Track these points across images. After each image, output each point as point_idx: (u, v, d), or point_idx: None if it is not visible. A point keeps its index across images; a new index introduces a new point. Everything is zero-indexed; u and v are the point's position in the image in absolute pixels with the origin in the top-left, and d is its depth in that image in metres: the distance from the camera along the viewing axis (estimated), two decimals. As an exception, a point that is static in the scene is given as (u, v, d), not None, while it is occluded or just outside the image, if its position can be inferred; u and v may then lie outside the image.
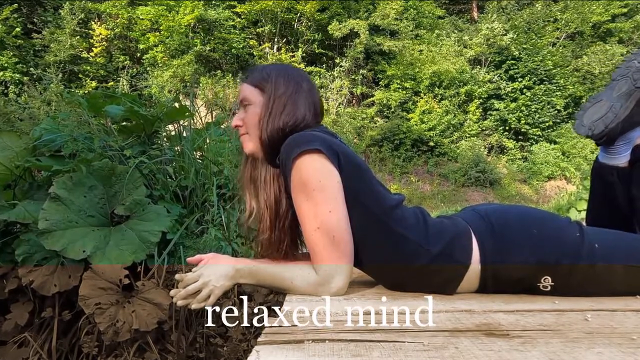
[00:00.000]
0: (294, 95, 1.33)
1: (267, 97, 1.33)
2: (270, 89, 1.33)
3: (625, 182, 1.47)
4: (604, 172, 1.54)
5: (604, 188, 1.56)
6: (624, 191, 1.47)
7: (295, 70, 1.42)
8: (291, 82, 1.36)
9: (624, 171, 1.47)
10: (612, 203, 1.51)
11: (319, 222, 1.16)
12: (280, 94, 1.33)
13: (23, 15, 15.65)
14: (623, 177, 1.48)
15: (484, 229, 1.26)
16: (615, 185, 1.50)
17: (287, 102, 1.32)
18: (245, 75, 1.43)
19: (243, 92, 1.38)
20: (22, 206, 1.95)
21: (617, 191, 1.50)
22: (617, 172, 1.49)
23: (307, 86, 1.38)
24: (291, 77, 1.37)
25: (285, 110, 1.31)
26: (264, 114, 1.32)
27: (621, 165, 1.48)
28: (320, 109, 1.41)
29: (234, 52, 17.72)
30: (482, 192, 16.06)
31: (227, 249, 2.14)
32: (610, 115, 1.46)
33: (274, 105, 1.31)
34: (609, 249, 1.22)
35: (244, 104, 1.38)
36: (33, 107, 6.55)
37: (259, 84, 1.36)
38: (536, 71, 18.24)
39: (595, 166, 1.59)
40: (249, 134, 1.36)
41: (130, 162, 2.21)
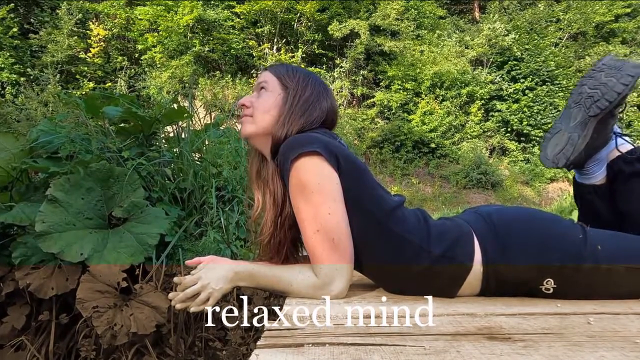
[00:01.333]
0: (316, 102, 1.36)
1: (292, 95, 1.35)
2: (295, 88, 1.36)
3: (605, 198, 1.51)
4: (582, 191, 1.60)
5: (585, 204, 1.61)
6: (605, 206, 1.51)
7: (319, 78, 1.45)
8: (317, 87, 1.39)
9: (601, 188, 1.52)
10: (596, 217, 1.54)
11: (318, 225, 1.16)
12: (306, 96, 1.35)
13: (20, 15, 15.66)
14: (601, 194, 1.52)
15: (486, 230, 1.26)
16: (596, 203, 1.54)
17: (310, 106, 1.34)
18: (271, 65, 1.45)
19: (264, 77, 1.40)
20: (19, 208, 1.95)
21: (598, 207, 1.54)
22: (594, 190, 1.54)
23: (330, 96, 1.41)
24: (317, 83, 1.40)
25: (307, 113, 1.33)
26: (284, 111, 1.33)
27: (597, 183, 1.53)
28: (335, 119, 1.43)
29: (233, 53, 17.73)
30: (484, 194, 16.05)
31: (226, 251, 2.14)
32: (569, 148, 1.48)
33: (297, 105, 1.33)
34: (612, 250, 1.21)
35: (261, 87, 1.39)
36: (30, 108, 6.57)
37: (282, 77, 1.38)
38: (538, 72, 18.23)
39: (574, 184, 1.64)
40: (252, 117, 1.37)
41: (128, 163, 2.21)
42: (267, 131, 1.35)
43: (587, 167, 1.53)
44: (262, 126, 1.35)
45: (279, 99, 1.36)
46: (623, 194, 1.45)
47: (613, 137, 1.50)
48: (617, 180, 1.47)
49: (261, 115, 1.35)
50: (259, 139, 1.38)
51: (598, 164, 1.51)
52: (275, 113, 1.35)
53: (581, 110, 1.46)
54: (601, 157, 1.50)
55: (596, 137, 1.45)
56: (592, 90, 1.44)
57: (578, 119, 1.47)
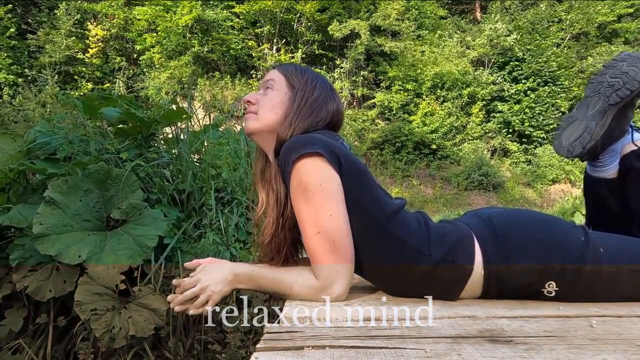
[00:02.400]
0: (323, 104, 1.37)
1: (300, 95, 1.35)
2: (303, 89, 1.36)
3: (616, 193, 1.51)
4: (593, 184, 1.59)
5: (595, 198, 1.60)
6: (616, 201, 1.51)
7: (327, 80, 1.45)
8: (324, 90, 1.39)
9: (613, 181, 1.51)
10: (606, 212, 1.54)
11: (319, 227, 1.16)
12: (314, 97, 1.36)
13: (17, 15, 15.69)
14: (613, 188, 1.52)
15: (487, 233, 1.26)
16: (606, 197, 1.54)
17: (317, 108, 1.35)
18: (280, 64, 1.46)
19: (271, 75, 1.41)
20: (16, 210, 1.95)
21: (609, 201, 1.53)
22: (606, 184, 1.53)
23: (337, 99, 1.42)
24: (325, 85, 1.41)
25: (313, 114, 1.34)
26: (291, 111, 1.34)
27: (609, 177, 1.53)
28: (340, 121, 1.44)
29: (232, 53, 17.76)
30: (485, 196, 16.06)
31: (226, 253, 2.14)
32: (586, 136, 1.48)
33: (305, 106, 1.34)
34: (614, 252, 1.21)
35: (267, 85, 1.40)
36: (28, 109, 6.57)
37: (290, 76, 1.39)
38: (540, 72, 18.25)
39: (585, 178, 1.64)
40: (257, 115, 1.38)
41: (126, 165, 2.21)
42: (271, 129, 1.35)
43: (601, 158, 1.52)
44: (266, 124, 1.35)
45: (285, 98, 1.36)
46: (634, 191, 1.45)
47: (630, 131, 1.50)
48: (628, 176, 1.46)
49: (266, 113, 1.36)
50: (263, 136, 1.38)
51: (612, 156, 1.50)
52: (280, 111, 1.35)
53: (601, 98, 1.46)
54: (616, 149, 1.49)
55: (614, 126, 1.45)
56: (613, 79, 1.43)
57: (597, 107, 1.47)
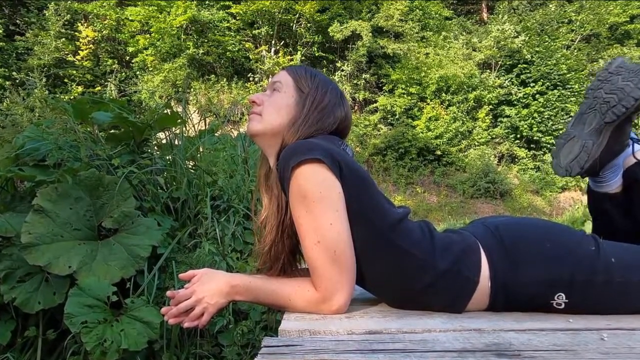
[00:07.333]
0: (331, 111, 1.37)
1: (309, 100, 1.36)
2: (313, 94, 1.36)
3: (621, 209, 1.52)
4: (597, 199, 1.60)
5: (600, 214, 1.62)
6: (621, 216, 1.52)
7: (337, 85, 1.46)
8: (334, 96, 1.40)
9: (617, 197, 1.53)
10: (611, 227, 1.54)
11: (319, 236, 1.16)
12: (324, 104, 1.36)
13: (5, 16, 15.76)
14: (617, 203, 1.53)
15: (494, 243, 1.26)
16: (611, 212, 1.55)
17: (325, 114, 1.36)
18: (290, 65, 1.48)
19: (279, 77, 1.42)
20: (4, 219, 1.96)
21: (614, 216, 1.54)
22: (609, 199, 1.55)
23: (346, 105, 1.43)
24: (336, 92, 1.42)
25: (321, 121, 1.35)
26: (299, 116, 1.34)
27: (612, 192, 1.54)
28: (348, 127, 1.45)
29: (228, 56, 17.80)
30: (492, 204, 16.05)
31: (222, 264, 2.14)
32: (583, 156, 1.48)
33: (314, 112, 1.35)
34: (626, 263, 1.21)
35: (274, 87, 1.40)
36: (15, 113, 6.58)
37: (299, 79, 1.39)
38: (549, 75, 18.27)
39: (589, 192, 1.65)
40: (261, 116, 1.38)
41: (118, 172, 2.22)
42: (274, 132, 1.35)
43: (603, 174, 1.53)
44: (270, 126, 1.35)
45: (291, 101, 1.36)
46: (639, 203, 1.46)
47: (630, 143, 1.50)
48: (633, 188, 1.47)
49: (270, 115, 1.36)
50: (265, 138, 1.38)
51: (614, 171, 1.51)
52: (285, 114, 1.35)
53: (596, 116, 1.46)
54: (617, 164, 1.50)
55: (612, 144, 1.45)
56: (608, 95, 1.43)
57: (593, 125, 1.47)
